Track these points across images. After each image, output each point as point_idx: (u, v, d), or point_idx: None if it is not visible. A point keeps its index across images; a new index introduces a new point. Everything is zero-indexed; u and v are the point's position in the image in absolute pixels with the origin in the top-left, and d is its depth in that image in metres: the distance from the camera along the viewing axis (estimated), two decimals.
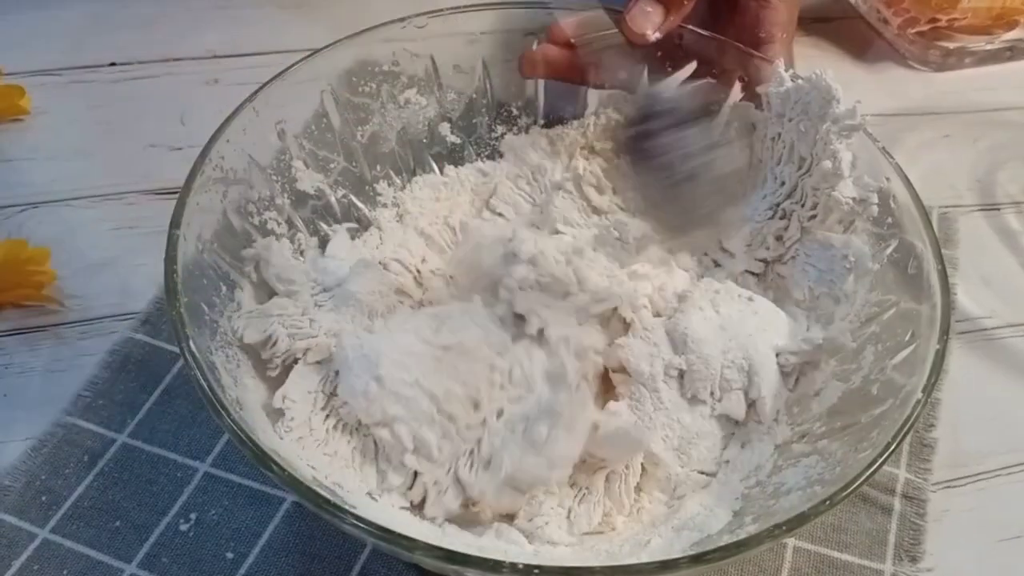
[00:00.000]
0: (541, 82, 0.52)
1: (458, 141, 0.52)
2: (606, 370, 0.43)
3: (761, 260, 0.47)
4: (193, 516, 0.42)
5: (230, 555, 0.41)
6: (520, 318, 0.42)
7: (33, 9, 0.67)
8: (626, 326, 0.44)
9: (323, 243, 0.47)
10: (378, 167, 0.51)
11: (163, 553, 0.41)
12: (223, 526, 0.42)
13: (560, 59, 0.51)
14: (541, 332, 0.41)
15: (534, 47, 0.51)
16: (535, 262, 0.43)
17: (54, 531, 0.42)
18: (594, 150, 0.51)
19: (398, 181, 0.51)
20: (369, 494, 0.39)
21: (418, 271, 0.47)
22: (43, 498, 0.43)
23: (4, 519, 0.42)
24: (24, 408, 0.46)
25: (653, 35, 0.47)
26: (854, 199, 0.44)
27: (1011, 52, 0.69)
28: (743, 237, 0.47)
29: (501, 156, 0.52)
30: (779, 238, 0.47)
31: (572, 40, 0.50)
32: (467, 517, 0.39)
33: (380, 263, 0.46)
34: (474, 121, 0.52)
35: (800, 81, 0.44)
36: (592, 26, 0.50)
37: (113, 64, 0.64)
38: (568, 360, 0.41)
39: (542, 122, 0.53)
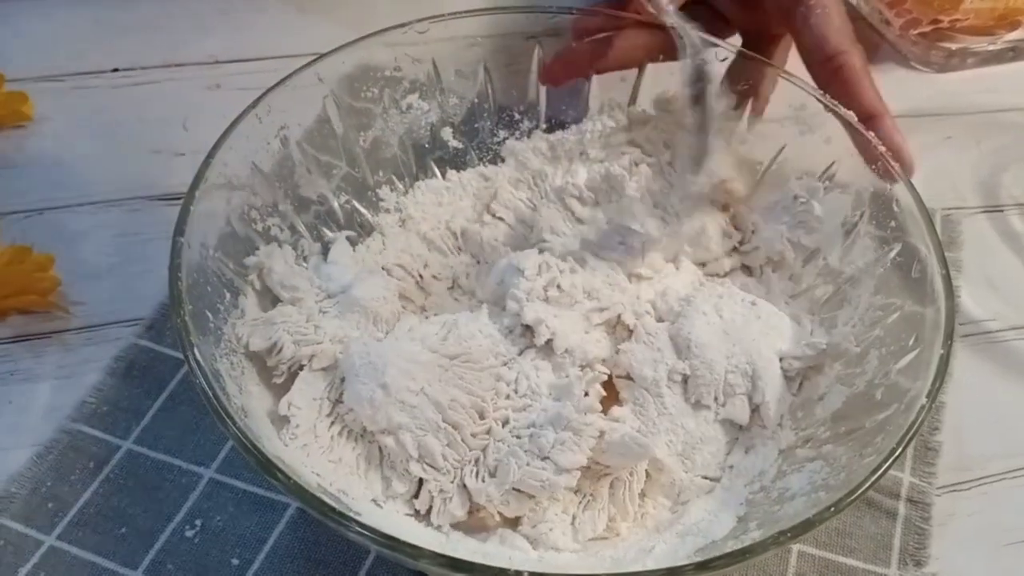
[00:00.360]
0: (543, 86, 0.52)
1: (460, 146, 0.52)
2: (610, 375, 0.43)
3: (733, 251, 0.48)
4: (198, 522, 0.43)
5: (235, 561, 0.41)
6: (528, 328, 0.42)
7: (35, 15, 0.67)
8: (630, 331, 0.44)
9: (326, 249, 0.47)
10: (381, 172, 0.51)
11: (168, 560, 0.41)
12: (228, 532, 0.42)
13: (586, 53, 0.50)
14: (549, 343, 0.42)
15: (534, 53, 0.51)
16: (541, 272, 0.43)
17: (60, 538, 0.42)
18: (589, 157, 0.51)
19: (400, 186, 0.51)
20: (374, 501, 0.39)
21: (420, 276, 0.47)
22: (49, 505, 0.43)
23: (10, 526, 0.42)
24: (29, 415, 0.46)
25: (667, 5, 0.46)
26: None
27: (1013, 53, 0.68)
28: (714, 240, 0.48)
29: (503, 161, 0.52)
30: (736, 227, 0.48)
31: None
32: (472, 523, 0.39)
33: (383, 268, 0.47)
34: (476, 126, 0.52)
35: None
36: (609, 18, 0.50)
37: (116, 70, 0.64)
38: (573, 372, 0.41)
39: (544, 126, 0.53)
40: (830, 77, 0.47)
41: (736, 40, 0.54)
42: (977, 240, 0.57)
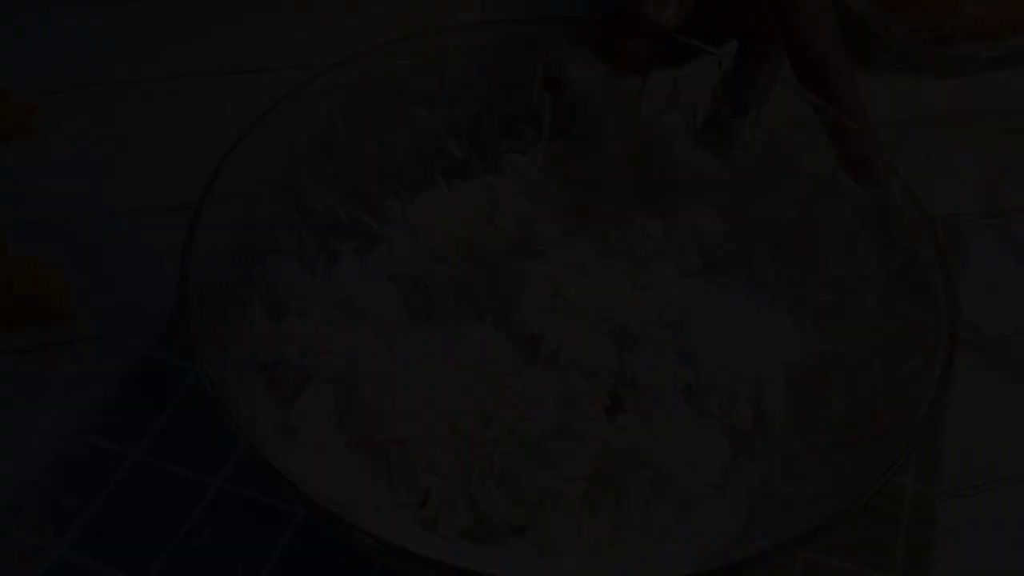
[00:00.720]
0: (548, 97, 0.52)
1: (465, 156, 0.52)
2: (615, 384, 0.43)
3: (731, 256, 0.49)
4: (206, 532, 0.43)
5: (243, 571, 0.42)
6: (533, 338, 0.42)
7: (42, 27, 0.68)
8: (634, 339, 0.44)
9: (333, 260, 0.47)
10: (386, 182, 0.51)
11: (176, 569, 0.42)
12: (236, 542, 0.42)
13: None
14: (554, 352, 0.42)
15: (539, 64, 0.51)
16: (547, 281, 0.44)
17: (70, 548, 0.42)
18: None
19: (406, 196, 0.51)
20: (381, 510, 0.39)
21: (426, 285, 0.48)
22: (59, 515, 0.43)
23: (20, 537, 0.42)
24: (38, 426, 0.46)
25: (672, 20, 0.46)
26: None
27: (1016, 58, 0.69)
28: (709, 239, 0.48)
29: (506, 171, 0.52)
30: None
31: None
32: (478, 531, 0.40)
33: (389, 278, 0.47)
34: (480, 136, 0.53)
35: None
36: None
37: (122, 81, 0.64)
38: (579, 381, 0.41)
39: (548, 137, 0.53)
40: (813, 79, 0.47)
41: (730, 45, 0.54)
42: (979, 246, 0.57)
